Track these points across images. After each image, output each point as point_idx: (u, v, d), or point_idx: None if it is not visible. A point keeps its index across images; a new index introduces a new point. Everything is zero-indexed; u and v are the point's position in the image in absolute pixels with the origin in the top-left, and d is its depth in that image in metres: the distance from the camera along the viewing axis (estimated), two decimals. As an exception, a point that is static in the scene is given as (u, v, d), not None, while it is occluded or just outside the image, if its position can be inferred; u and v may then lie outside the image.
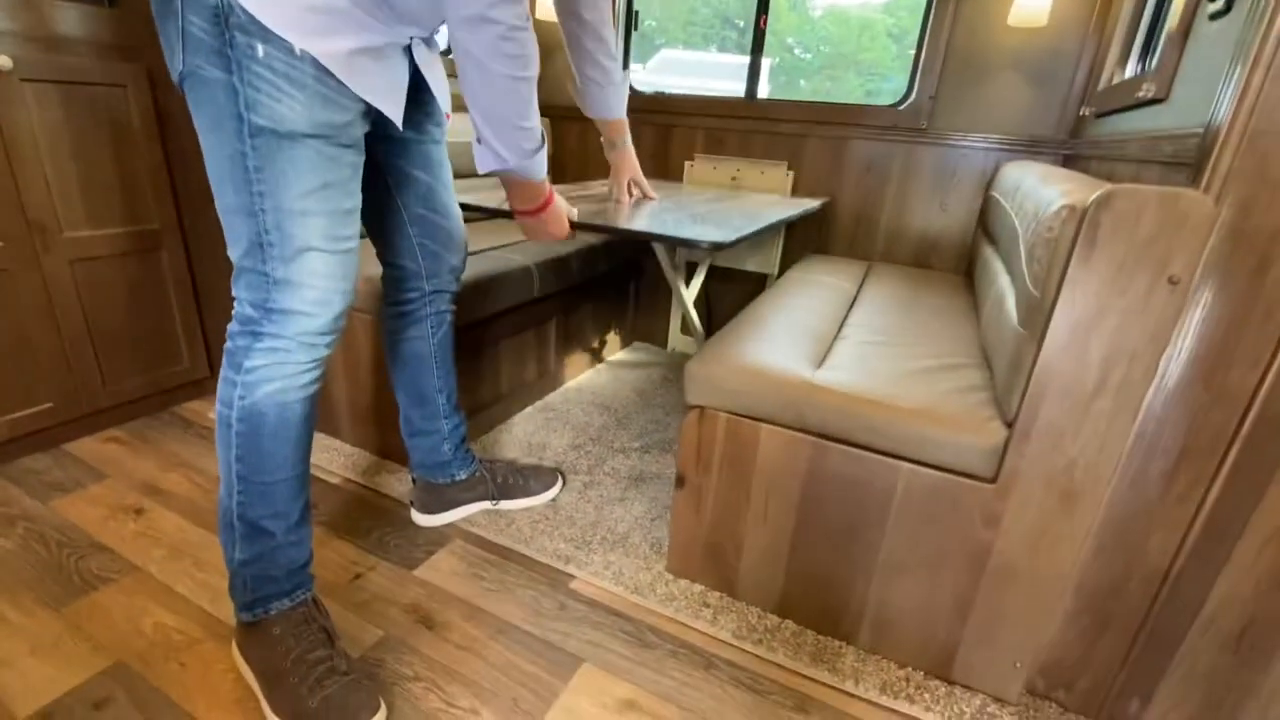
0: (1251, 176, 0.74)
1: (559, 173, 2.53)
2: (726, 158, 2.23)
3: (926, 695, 1.05)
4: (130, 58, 1.56)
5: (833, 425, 1.03)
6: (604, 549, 1.35)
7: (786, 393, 1.06)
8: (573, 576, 1.27)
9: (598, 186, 1.79)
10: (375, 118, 0.94)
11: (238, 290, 0.88)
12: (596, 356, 2.36)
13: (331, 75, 0.82)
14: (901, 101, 1.97)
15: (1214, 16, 0.90)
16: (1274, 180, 0.73)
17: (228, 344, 0.90)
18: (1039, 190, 1.08)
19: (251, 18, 0.75)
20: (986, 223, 1.72)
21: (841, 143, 2.07)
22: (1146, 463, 0.88)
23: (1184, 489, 0.87)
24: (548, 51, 2.31)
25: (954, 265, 2.03)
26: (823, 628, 1.15)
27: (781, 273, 2.23)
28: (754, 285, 2.34)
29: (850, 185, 2.10)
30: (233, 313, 0.90)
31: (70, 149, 1.47)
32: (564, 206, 1.15)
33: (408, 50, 0.96)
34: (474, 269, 1.58)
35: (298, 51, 0.78)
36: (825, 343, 1.28)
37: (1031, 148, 1.83)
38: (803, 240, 2.22)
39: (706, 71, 7.53)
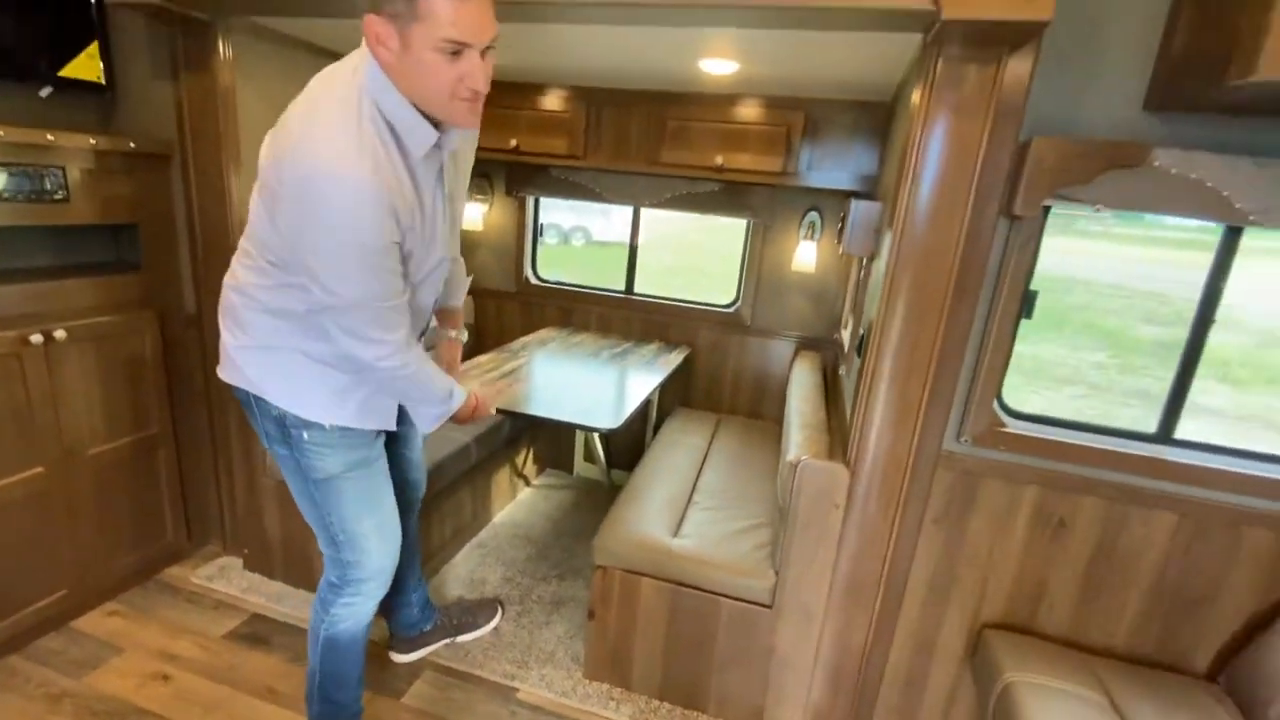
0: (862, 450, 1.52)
1: (480, 340, 3.12)
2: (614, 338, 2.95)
3: (749, 741, 1.70)
4: (147, 304, 2.00)
5: (683, 576, 1.70)
6: (538, 664, 1.90)
7: (655, 557, 1.72)
8: (518, 689, 1.81)
9: (514, 348, 2.41)
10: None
11: (326, 564, 1.41)
12: (516, 488, 2.92)
13: (351, 429, 1.27)
14: (732, 305, 2.81)
15: (858, 350, 1.71)
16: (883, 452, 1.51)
17: (321, 592, 1.43)
18: (791, 415, 1.85)
19: (297, 417, 1.24)
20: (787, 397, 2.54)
21: (695, 328, 2.87)
22: (842, 593, 1.61)
23: (864, 603, 1.61)
24: (468, 248, 2.94)
25: (777, 415, 2.84)
26: (688, 704, 1.78)
27: (660, 403, 2.92)
28: (641, 407, 3.01)
29: (702, 357, 2.89)
30: (324, 573, 1.43)
31: (100, 385, 1.87)
32: (488, 395, 1.43)
33: None
34: (431, 454, 2.13)
35: (328, 427, 1.25)
36: (680, 510, 1.97)
37: (814, 343, 2.71)
38: (678, 379, 2.95)
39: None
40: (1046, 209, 1.38)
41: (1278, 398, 6.92)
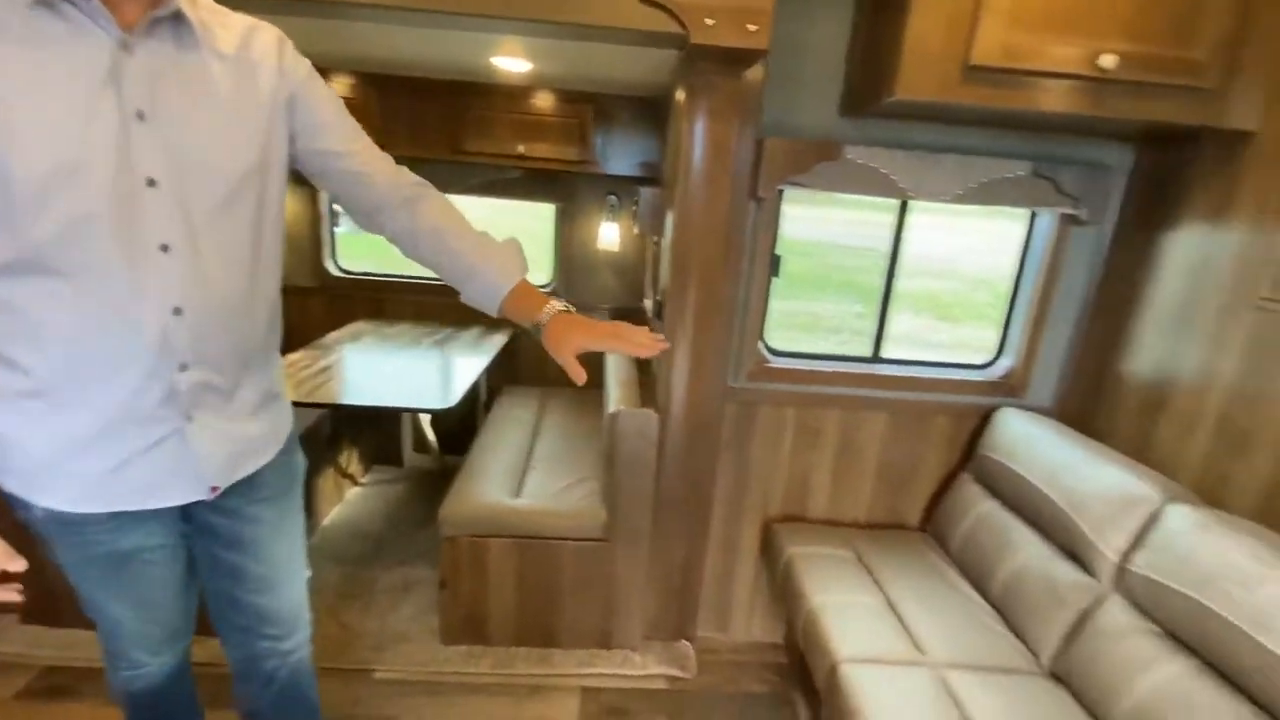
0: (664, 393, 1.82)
1: (286, 340, 2.93)
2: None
3: (601, 659, 1.95)
4: None
5: (528, 530, 1.88)
6: (393, 645, 1.96)
7: (500, 518, 1.88)
8: (375, 670, 1.86)
9: (326, 343, 2.36)
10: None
11: None
12: (343, 489, 2.84)
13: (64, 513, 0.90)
14: (548, 285, 3.00)
15: (657, 314, 2.01)
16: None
17: None
18: (610, 376, 2.11)
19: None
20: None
21: (513, 308, 3.01)
22: (663, 517, 1.92)
23: (680, 522, 1.93)
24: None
25: (600, 383, 3.11)
26: (545, 643, 1.98)
27: (488, 384, 3.03)
28: (470, 390, 3.08)
29: (525, 337, 3.04)
30: None
31: None
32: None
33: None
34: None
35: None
36: (519, 475, 2.14)
37: (626, 313, 3.01)
38: (503, 359, 3.07)
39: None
40: (780, 191, 1.77)
41: (979, 329, 8.98)
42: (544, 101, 2.54)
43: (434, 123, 2.51)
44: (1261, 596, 1.06)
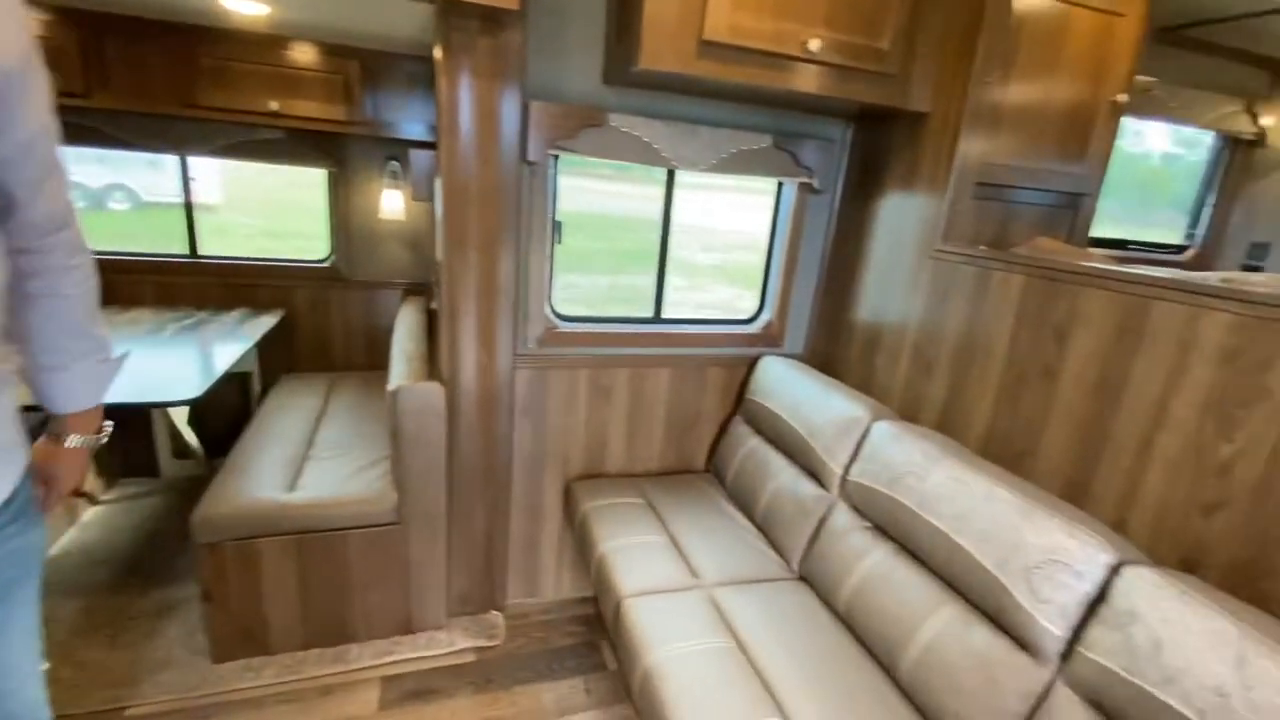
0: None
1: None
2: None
3: (404, 645, 1.88)
4: None
5: (306, 524, 1.73)
6: (151, 675, 1.70)
7: (271, 516, 1.70)
8: (126, 708, 1.61)
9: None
10: None
11: None
12: (76, 511, 2.37)
13: None
14: (327, 259, 2.74)
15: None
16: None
17: None
18: (395, 352, 2.00)
19: None
20: (401, 341, 2.66)
21: (289, 288, 2.71)
22: (460, 490, 1.89)
23: (480, 492, 1.92)
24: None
25: (396, 362, 2.94)
26: (337, 641, 1.86)
27: (264, 375, 2.71)
28: (238, 382, 2.72)
29: (304, 318, 2.76)
30: None
31: None
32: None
33: None
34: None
35: None
36: (296, 466, 1.96)
37: (421, 287, 2.86)
38: (279, 345, 2.76)
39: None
40: (556, 157, 1.79)
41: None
42: (302, 54, 2.28)
43: (158, 71, 2.13)
44: (929, 484, 1.34)
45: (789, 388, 1.89)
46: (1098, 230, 2.68)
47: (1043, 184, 1.93)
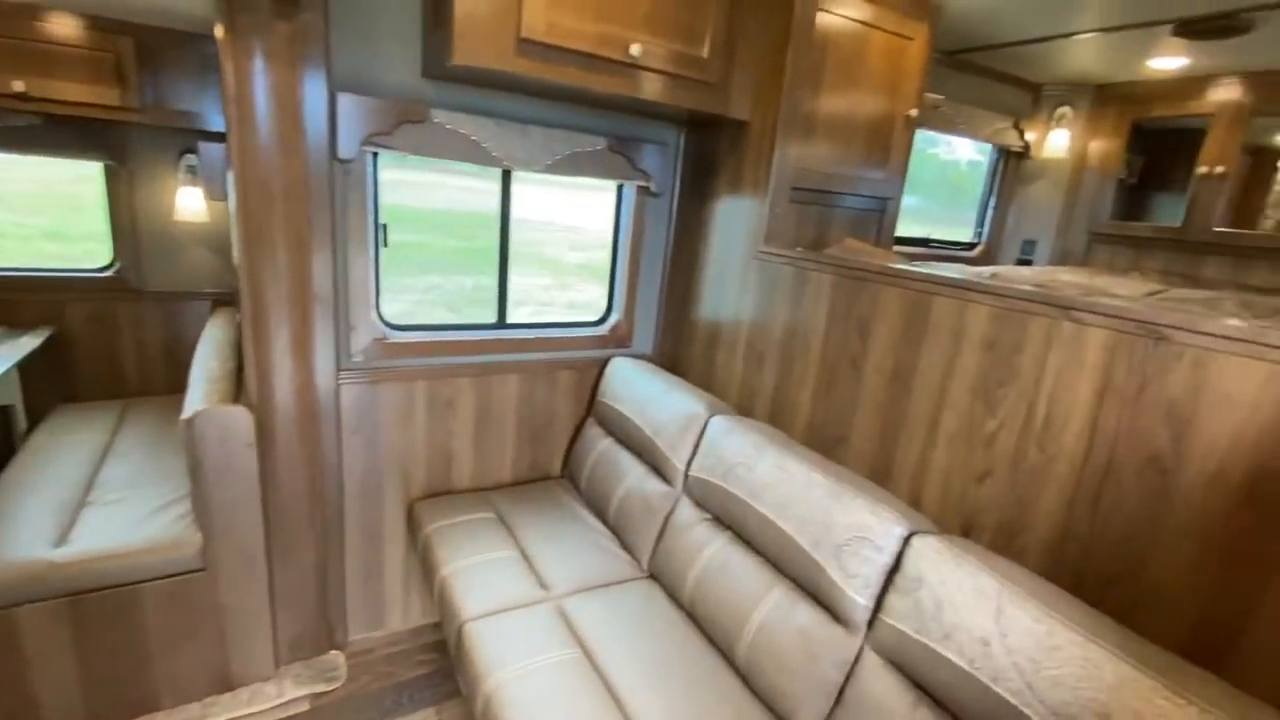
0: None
1: None
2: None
3: (221, 705, 1.66)
4: None
5: (81, 584, 1.47)
6: None
7: (33, 577, 1.42)
8: None
9: None
10: None
11: None
12: None
13: None
14: (110, 268, 2.35)
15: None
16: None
17: None
18: (194, 373, 1.76)
19: None
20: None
21: (60, 302, 2.29)
22: (282, 522, 1.70)
23: (307, 523, 1.74)
24: None
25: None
26: (134, 712, 1.60)
27: (31, 407, 2.27)
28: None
29: (82, 337, 2.35)
30: None
31: None
32: None
33: None
34: None
35: None
36: (69, 515, 1.65)
37: (234, 297, 2.55)
38: (51, 371, 2.32)
39: None
40: (375, 155, 1.66)
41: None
42: (57, 26, 1.93)
43: None
44: (758, 474, 1.41)
45: (636, 388, 1.91)
46: (916, 228, 3.02)
47: (854, 189, 2.12)
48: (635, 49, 1.53)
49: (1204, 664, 0.92)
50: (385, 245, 1.75)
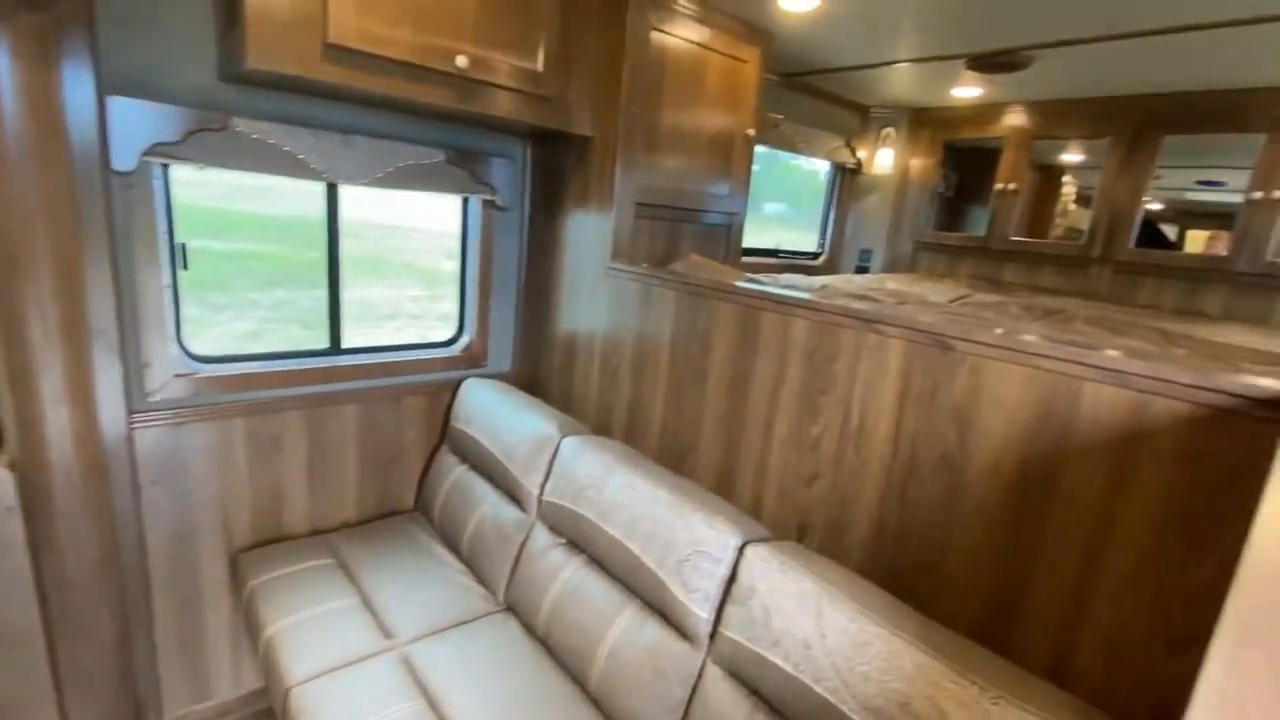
0: (33, 441, 1.35)
1: None
2: None
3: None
4: None
5: None
6: None
7: None
8: None
9: None
10: None
11: None
12: None
13: None
14: None
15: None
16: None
17: None
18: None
19: None
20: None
21: None
22: (65, 597, 1.45)
23: (102, 593, 1.49)
24: None
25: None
26: None
27: None
28: None
29: None
30: None
31: None
32: None
33: None
34: None
35: None
36: None
37: None
38: None
39: None
40: (165, 167, 1.46)
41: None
42: None
43: None
44: (607, 495, 1.40)
45: (489, 411, 1.83)
46: (784, 234, 3.19)
47: (701, 205, 2.18)
48: (462, 60, 1.47)
49: (995, 639, 1.02)
50: (185, 268, 1.55)
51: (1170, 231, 3.37)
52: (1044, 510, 0.99)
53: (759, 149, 2.94)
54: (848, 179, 3.28)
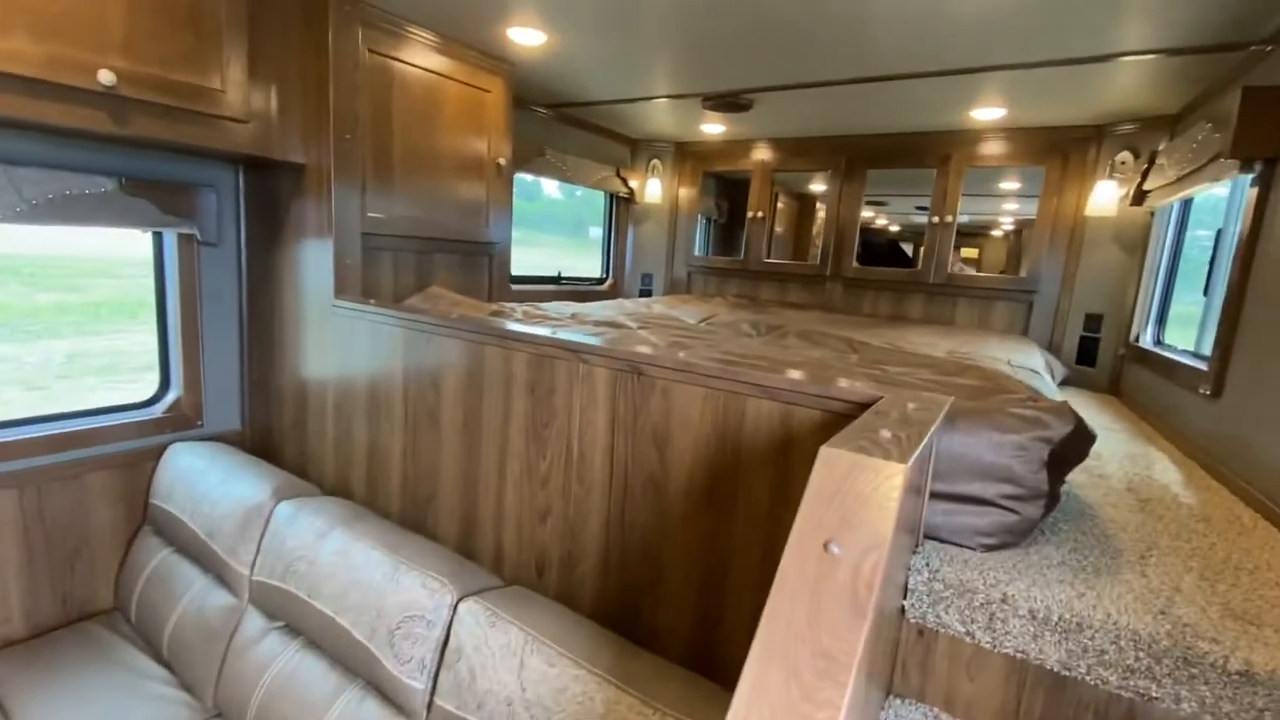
0: None
1: None
2: None
3: None
4: None
5: None
6: None
7: None
8: None
9: None
10: None
11: None
12: None
13: None
14: None
15: None
16: None
17: None
18: None
19: None
20: None
21: None
22: None
23: None
24: None
25: None
26: None
27: None
28: None
29: None
30: None
31: None
32: None
33: None
34: None
35: None
36: None
37: None
38: None
39: None
40: None
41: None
42: None
43: None
44: (319, 566, 1.24)
45: (193, 480, 1.56)
46: (572, 262, 3.18)
47: (452, 235, 2.09)
48: (106, 76, 1.25)
49: (705, 650, 1.06)
50: None
51: (908, 249, 4.01)
52: (730, 517, 1.05)
53: (535, 179, 2.95)
54: (623, 207, 3.42)
